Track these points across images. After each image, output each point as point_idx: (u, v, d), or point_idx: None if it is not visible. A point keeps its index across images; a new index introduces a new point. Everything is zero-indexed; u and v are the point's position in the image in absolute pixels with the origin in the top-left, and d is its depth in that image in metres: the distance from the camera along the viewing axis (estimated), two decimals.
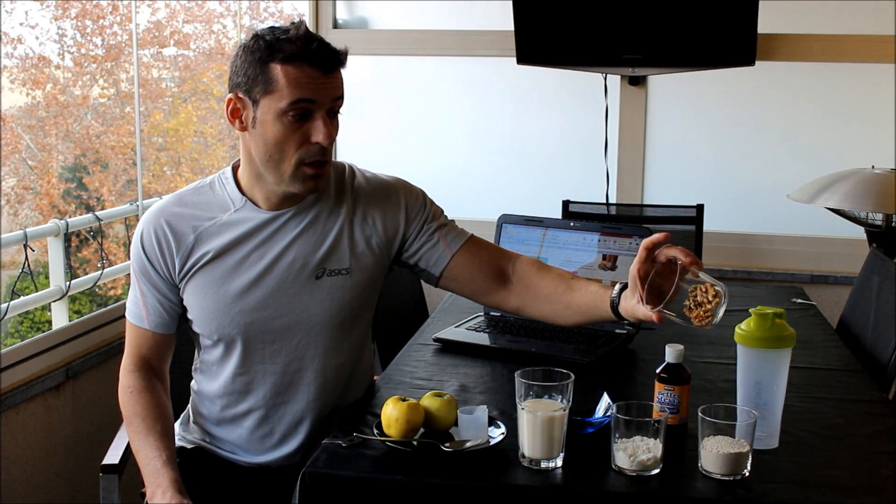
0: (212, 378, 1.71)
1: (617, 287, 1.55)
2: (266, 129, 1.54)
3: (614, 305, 1.54)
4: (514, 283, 1.71)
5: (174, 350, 1.77)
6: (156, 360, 1.71)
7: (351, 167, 1.75)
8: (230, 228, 1.64)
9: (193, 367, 1.78)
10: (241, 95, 1.56)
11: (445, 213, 1.78)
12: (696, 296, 1.40)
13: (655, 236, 1.44)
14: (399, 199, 1.72)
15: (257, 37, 1.55)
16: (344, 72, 1.59)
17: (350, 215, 1.69)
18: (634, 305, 1.47)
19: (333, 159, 1.69)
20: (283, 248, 1.64)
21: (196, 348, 1.75)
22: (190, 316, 1.68)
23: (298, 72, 1.52)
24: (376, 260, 1.70)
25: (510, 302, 1.72)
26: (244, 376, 1.68)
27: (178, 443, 1.76)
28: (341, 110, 1.61)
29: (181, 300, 1.68)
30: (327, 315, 1.66)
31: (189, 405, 1.81)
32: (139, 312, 1.68)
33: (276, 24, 1.58)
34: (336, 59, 1.56)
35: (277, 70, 1.52)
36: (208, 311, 1.65)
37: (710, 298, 1.39)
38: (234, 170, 1.68)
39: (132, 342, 1.70)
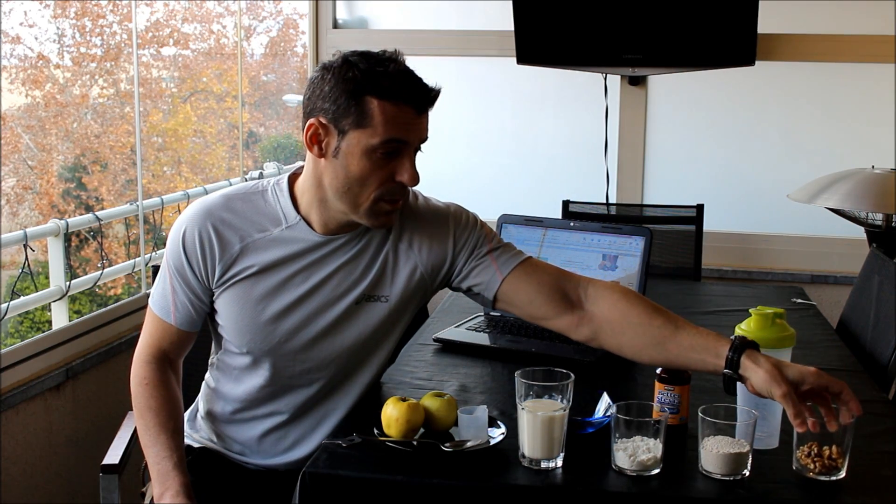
0: (233, 381, 1.68)
1: (736, 341, 1.43)
2: (350, 162, 1.49)
3: (733, 362, 1.42)
4: (587, 309, 1.60)
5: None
6: (174, 353, 1.67)
7: (409, 193, 1.69)
8: (279, 245, 1.60)
9: (210, 361, 1.74)
10: (324, 122, 1.49)
11: (500, 237, 1.72)
12: (829, 455, 1.38)
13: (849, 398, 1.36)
14: (448, 227, 1.67)
15: (350, 63, 1.48)
16: None
17: (396, 241, 1.65)
18: (777, 390, 1.36)
19: None
20: (328, 274, 1.61)
21: (215, 344, 1.71)
22: (220, 321, 1.64)
23: (396, 110, 1.47)
24: (417, 288, 1.67)
25: (581, 330, 1.60)
26: (270, 388, 1.65)
27: (185, 440, 1.72)
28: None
29: (212, 303, 1.64)
30: (362, 339, 1.64)
31: (199, 400, 1.78)
32: (167, 307, 1.63)
33: (369, 51, 1.51)
34: (431, 99, 1.52)
35: (374, 105, 1.46)
36: (242, 324, 1.61)
37: (835, 457, 1.37)
38: (291, 182, 1.63)
39: (153, 334, 1.66)
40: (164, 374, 1.64)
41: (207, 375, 1.75)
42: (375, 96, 1.47)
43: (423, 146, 1.57)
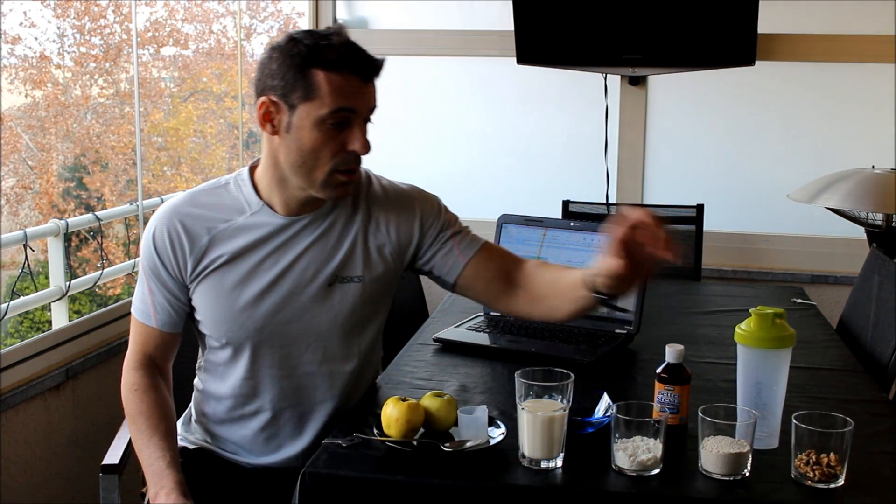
0: (218, 378, 1.70)
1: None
2: (302, 136, 1.52)
3: (590, 282, 1.52)
4: (521, 288, 1.69)
5: (179, 353, 1.76)
6: (160, 358, 1.70)
7: (368, 174, 1.73)
8: (245, 232, 1.63)
9: (198, 364, 1.76)
10: (275, 99, 1.53)
11: (460, 221, 1.77)
12: (827, 462, 1.38)
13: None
14: (414, 208, 1.71)
15: (295, 40, 1.51)
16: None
17: (365, 223, 1.68)
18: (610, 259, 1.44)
19: None
20: (297, 255, 1.63)
21: (200, 346, 1.74)
22: (198, 317, 1.67)
23: (342, 80, 1.50)
24: (388, 269, 1.69)
25: (519, 307, 1.70)
26: (252, 380, 1.67)
27: (179, 443, 1.75)
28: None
29: (190, 300, 1.66)
30: (337, 322, 1.66)
31: (191, 404, 1.80)
32: (147, 310, 1.66)
33: (312, 29, 1.56)
34: (376, 68, 1.55)
35: (320, 77, 1.49)
36: (219, 314, 1.64)
37: (834, 464, 1.37)
38: (251, 172, 1.66)
39: (137, 340, 1.69)
40: (153, 379, 1.67)
41: (196, 380, 1.78)
42: (321, 68, 1.50)
43: (373, 118, 1.60)
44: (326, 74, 1.49)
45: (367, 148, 1.55)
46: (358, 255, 1.66)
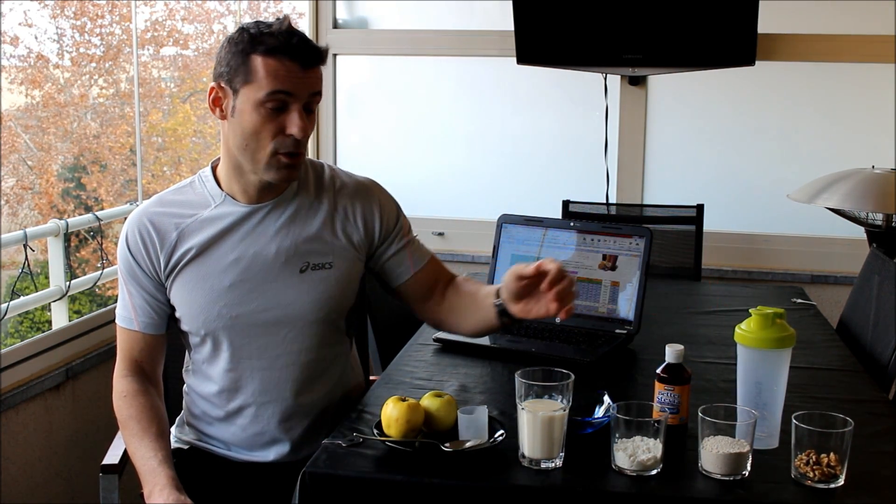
0: (203, 377, 1.73)
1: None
2: (244, 119, 1.58)
3: (498, 301, 1.64)
4: (445, 299, 1.79)
5: (170, 362, 1.80)
6: (148, 363, 1.72)
7: (330, 167, 1.79)
8: (212, 224, 1.67)
9: (185, 368, 1.80)
10: (222, 85, 1.60)
11: (412, 229, 1.84)
12: (827, 462, 1.38)
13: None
14: (379, 202, 1.77)
15: (242, 30, 1.60)
16: (343, 72, 1.63)
17: (332, 211, 1.72)
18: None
19: (331, 162, 1.69)
20: (265, 242, 1.67)
21: (186, 350, 1.77)
22: (178, 314, 1.70)
23: (278, 64, 1.56)
24: (357, 256, 1.74)
25: (439, 316, 1.80)
26: (233, 373, 1.70)
27: (174, 445, 1.78)
28: (336, 109, 1.64)
29: (168, 299, 1.70)
30: (313, 308, 1.69)
31: (183, 408, 1.83)
32: (128, 315, 1.70)
33: (261, 20, 1.62)
34: (316, 54, 1.60)
35: (258, 61, 1.56)
36: (195, 306, 1.67)
37: (834, 464, 1.38)
38: (214, 168, 1.72)
39: (123, 347, 1.72)
40: (142, 385, 1.70)
41: (185, 385, 1.80)
42: (260, 53, 1.56)
43: (321, 104, 1.69)
44: (264, 59, 1.56)
45: (303, 132, 1.59)
46: (327, 241, 1.70)
